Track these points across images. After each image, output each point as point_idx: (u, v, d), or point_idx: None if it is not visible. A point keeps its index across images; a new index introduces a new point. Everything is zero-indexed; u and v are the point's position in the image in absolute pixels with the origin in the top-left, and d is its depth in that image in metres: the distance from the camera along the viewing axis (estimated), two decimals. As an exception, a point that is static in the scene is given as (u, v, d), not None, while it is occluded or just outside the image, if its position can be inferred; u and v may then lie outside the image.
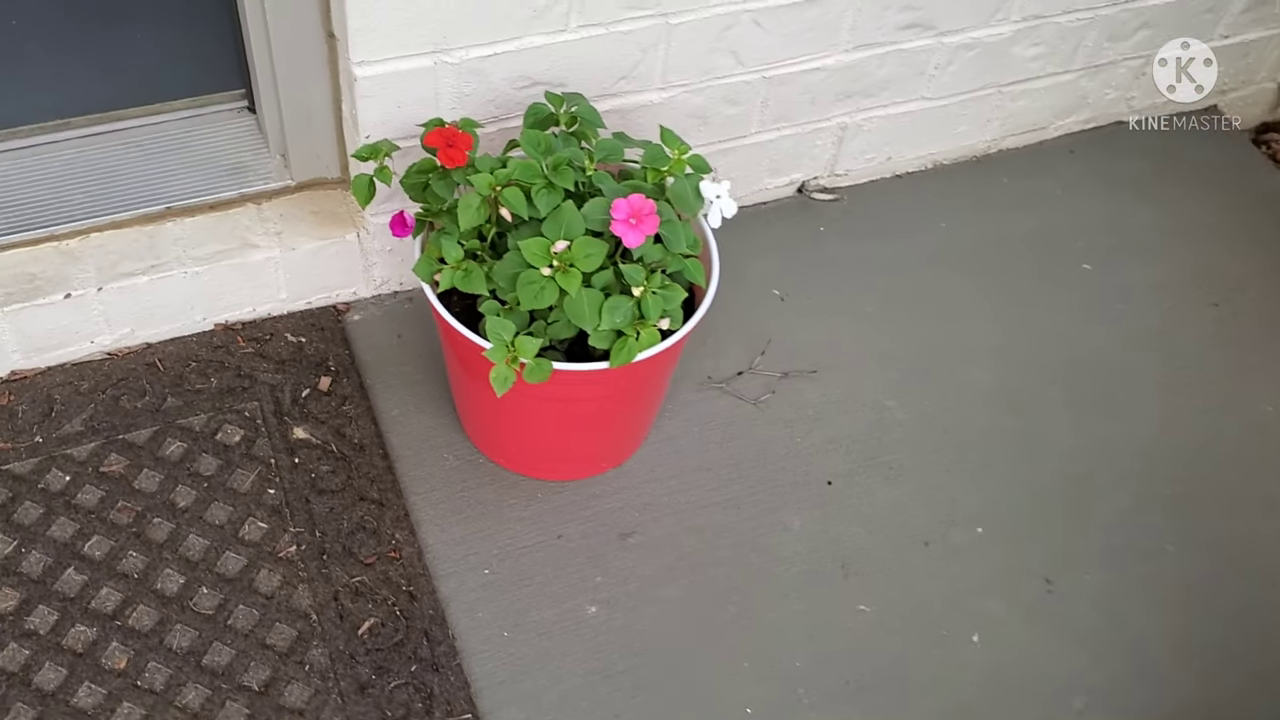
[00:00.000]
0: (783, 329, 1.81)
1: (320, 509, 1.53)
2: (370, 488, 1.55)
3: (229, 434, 1.59)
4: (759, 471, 1.64)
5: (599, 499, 1.58)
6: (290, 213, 1.69)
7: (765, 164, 1.91)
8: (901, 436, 1.70)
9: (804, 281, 1.88)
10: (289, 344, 1.69)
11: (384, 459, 1.59)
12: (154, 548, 1.47)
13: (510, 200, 1.34)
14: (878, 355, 1.80)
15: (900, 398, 1.75)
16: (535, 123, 1.46)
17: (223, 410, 1.61)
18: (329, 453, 1.58)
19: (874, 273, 1.91)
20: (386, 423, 1.63)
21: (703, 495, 1.60)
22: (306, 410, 1.62)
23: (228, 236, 1.65)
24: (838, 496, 1.62)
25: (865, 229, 1.97)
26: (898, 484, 1.65)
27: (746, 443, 1.67)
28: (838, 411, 1.72)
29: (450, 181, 1.39)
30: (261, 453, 1.57)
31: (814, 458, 1.66)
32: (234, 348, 1.68)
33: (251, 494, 1.53)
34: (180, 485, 1.53)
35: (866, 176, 2.04)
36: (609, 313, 1.33)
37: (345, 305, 1.76)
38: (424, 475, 1.58)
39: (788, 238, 1.94)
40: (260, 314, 1.71)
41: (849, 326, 1.83)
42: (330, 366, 1.68)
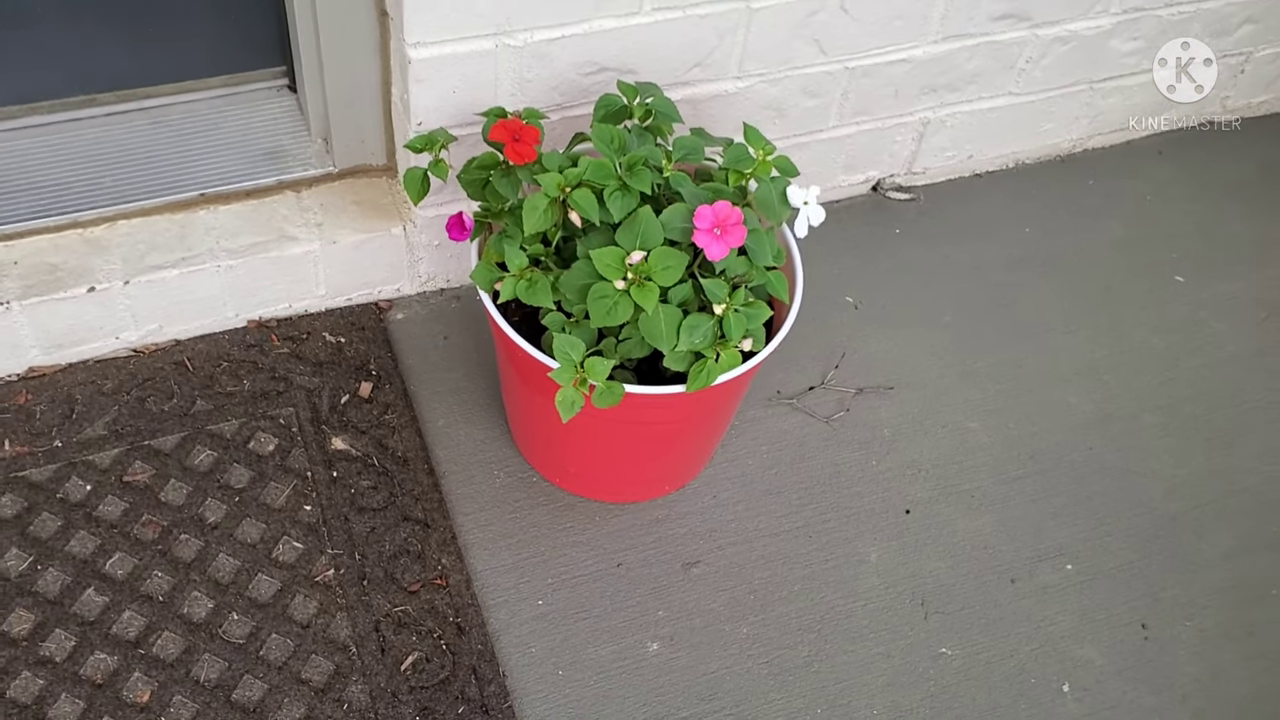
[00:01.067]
0: (857, 340, 1.68)
1: (360, 529, 1.41)
2: (415, 506, 1.43)
3: (262, 442, 1.47)
4: (832, 497, 1.51)
5: (661, 524, 1.46)
6: (331, 202, 1.57)
7: (841, 160, 1.78)
8: (984, 461, 1.58)
9: (879, 287, 1.75)
10: (327, 344, 1.57)
11: (429, 475, 1.47)
12: (181, 568, 1.36)
13: (581, 203, 1.21)
14: (958, 371, 1.67)
15: (983, 419, 1.62)
16: (606, 115, 1.33)
17: (256, 416, 1.49)
18: (370, 466, 1.46)
19: (952, 279, 1.78)
20: (432, 434, 1.51)
21: (772, 522, 1.48)
22: (346, 418, 1.50)
23: (264, 227, 1.53)
24: (917, 526, 1.50)
25: (943, 231, 1.84)
26: (981, 514, 1.52)
27: (818, 465, 1.54)
28: (916, 432, 1.59)
29: (514, 179, 1.26)
30: (297, 464, 1.45)
31: (891, 483, 1.54)
32: (268, 347, 1.56)
33: (286, 510, 1.42)
34: (209, 499, 1.42)
35: (945, 175, 1.90)
36: (688, 332, 1.20)
37: (388, 303, 1.63)
38: (473, 494, 1.46)
39: (861, 240, 1.81)
40: (297, 310, 1.59)
41: (927, 338, 1.70)
42: (371, 370, 1.55)
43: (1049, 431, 1.62)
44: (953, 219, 1.86)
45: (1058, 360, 1.70)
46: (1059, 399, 1.66)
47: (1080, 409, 1.65)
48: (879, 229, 1.83)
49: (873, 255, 1.79)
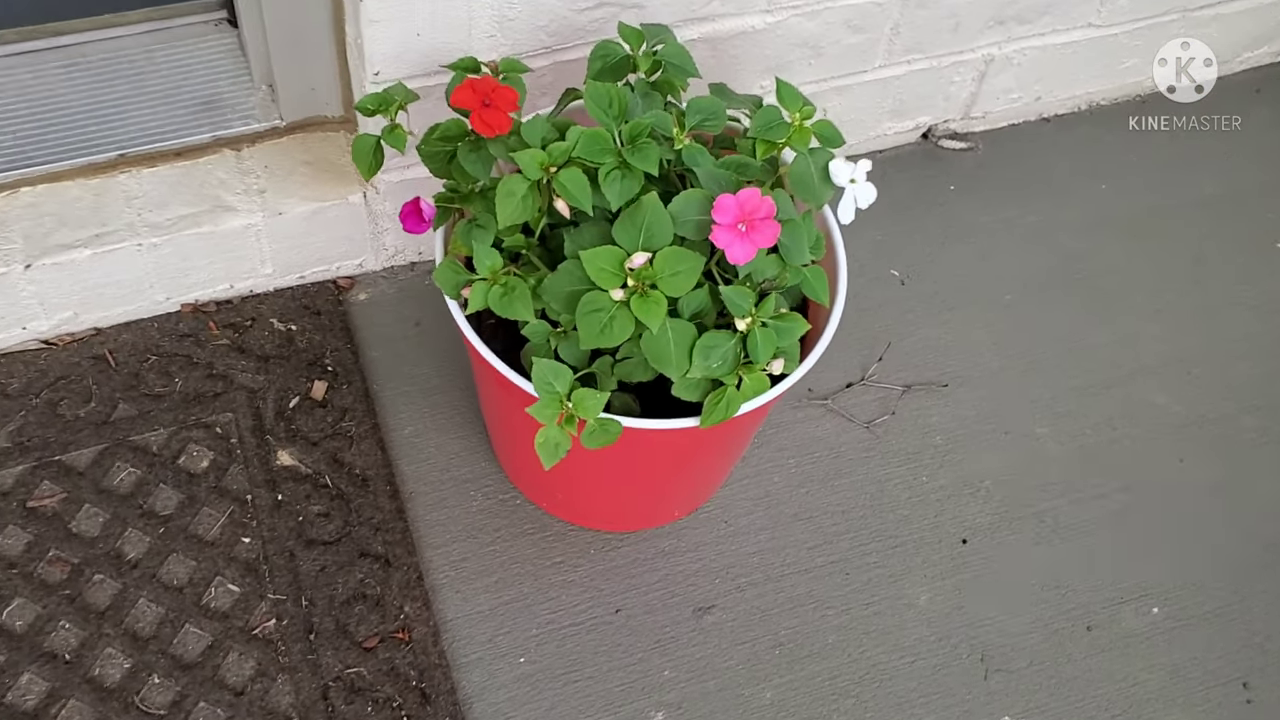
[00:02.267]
0: (903, 324, 1.43)
1: (308, 568, 1.18)
2: (374, 538, 1.20)
3: (195, 457, 1.23)
4: (874, 523, 1.27)
5: (668, 558, 1.23)
6: (278, 163, 1.30)
7: (887, 105, 1.50)
8: (1055, 477, 1.33)
9: (929, 258, 1.49)
10: (275, 333, 1.33)
11: (393, 498, 1.23)
12: (92, 618, 1.13)
13: (569, 188, 0.95)
14: (1023, 363, 1.41)
15: (1053, 423, 1.37)
16: (604, 69, 1.05)
17: (188, 424, 1.25)
18: (321, 488, 1.23)
19: (1016, 248, 1.51)
20: (397, 446, 1.27)
21: (801, 555, 1.24)
22: (294, 427, 1.26)
23: (196, 195, 1.27)
24: (976, 560, 1.26)
25: (1005, 188, 1.57)
26: (1052, 544, 1.28)
27: (857, 482, 1.30)
28: (974, 441, 1.34)
29: (485, 155, 1.00)
30: (235, 485, 1.22)
31: (945, 505, 1.29)
32: (205, 337, 1.31)
33: (221, 544, 1.18)
34: (130, 529, 1.18)
35: (1007, 119, 1.62)
36: (703, 355, 0.95)
37: (348, 281, 1.38)
38: (444, 521, 1.23)
39: (909, 199, 1.54)
40: (239, 292, 1.34)
41: (987, 321, 1.44)
42: (327, 366, 1.31)
43: (1131, 439, 1.36)
44: (1016, 173, 1.59)
45: (1140, 349, 1.44)
46: (1143, 397, 1.40)
47: (1168, 410, 1.39)
48: (930, 185, 1.56)
49: (922, 218, 1.53)
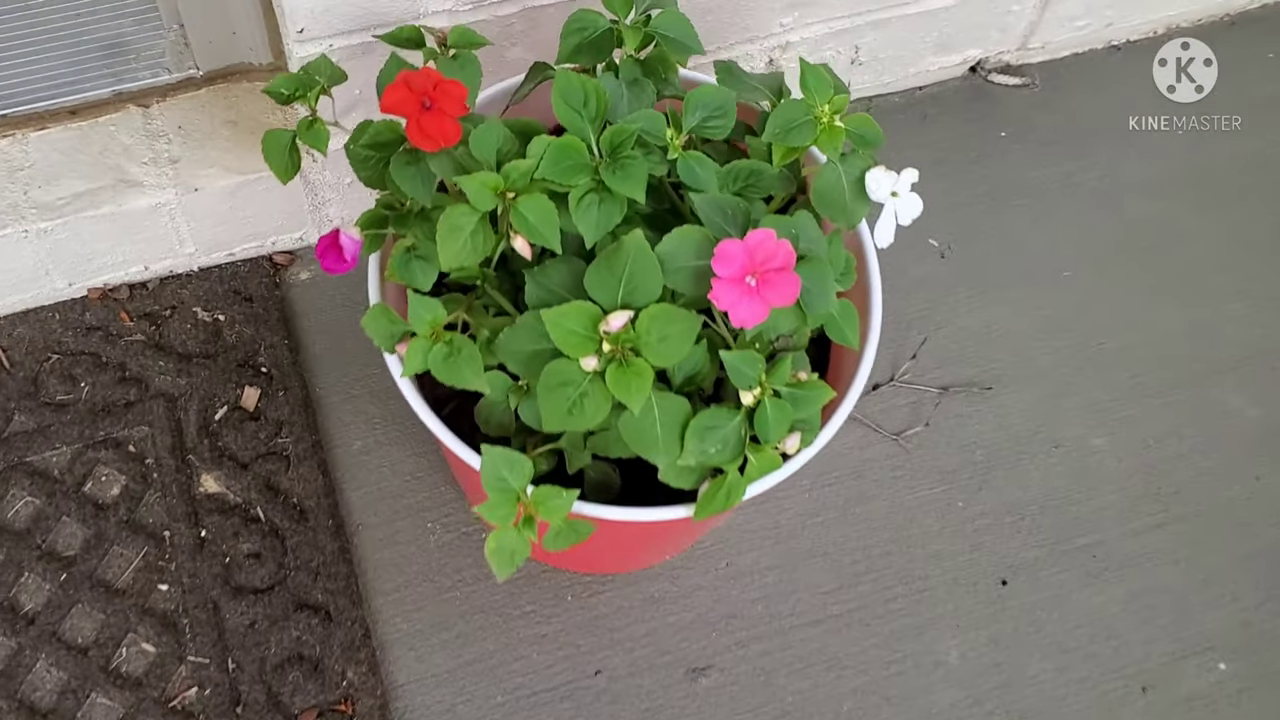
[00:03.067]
0: (943, 308, 1.22)
1: (235, 622, 1.01)
2: (313, 586, 1.03)
3: (104, 483, 1.05)
4: (900, 560, 1.09)
5: (658, 606, 1.05)
6: (194, 123, 1.08)
7: (931, 39, 1.25)
8: (1111, 501, 1.14)
9: (974, 224, 1.27)
10: (199, 325, 1.12)
11: (336, 534, 1.05)
12: (-18, 683, 0.97)
13: (530, 220, 0.74)
14: (1080, 357, 1.21)
15: (1112, 433, 1.17)
16: (580, 48, 0.82)
17: (96, 441, 1.06)
18: (252, 521, 1.04)
19: (1076, 210, 1.29)
20: (343, 467, 1.08)
21: (814, 601, 1.07)
22: (222, 444, 1.07)
23: (94, 166, 1.05)
24: (1016, 606, 1.08)
25: (1064, 135, 1.33)
26: (1106, 585, 1.10)
27: (883, 509, 1.11)
28: (1020, 456, 1.15)
29: (424, 171, 0.78)
30: (152, 518, 1.04)
31: (983, 537, 1.11)
32: (116, 329, 1.11)
33: (134, 592, 1.01)
34: (27, 574, 1.01)
35: (1069, 48, 1.37)
36: (698, 438, 0.76)
37: (286, 257, 1.17)
38: (396, 561, 1.05)
39: (952, 148, 1.31)
40: (157, 273, 1.13)
41: (1039, 303, 1.23)
42: (260, 366, 1.11)
43: (1201, 452, 1.17)
44: (1078, 114, 1.35)
45: (1216, 338, 1.23)
46: (1217, 400, 1.20)
47: (1245, 416, 1.19)
48: (977, 131, 1.32)
49: (966, 173, 1.30)
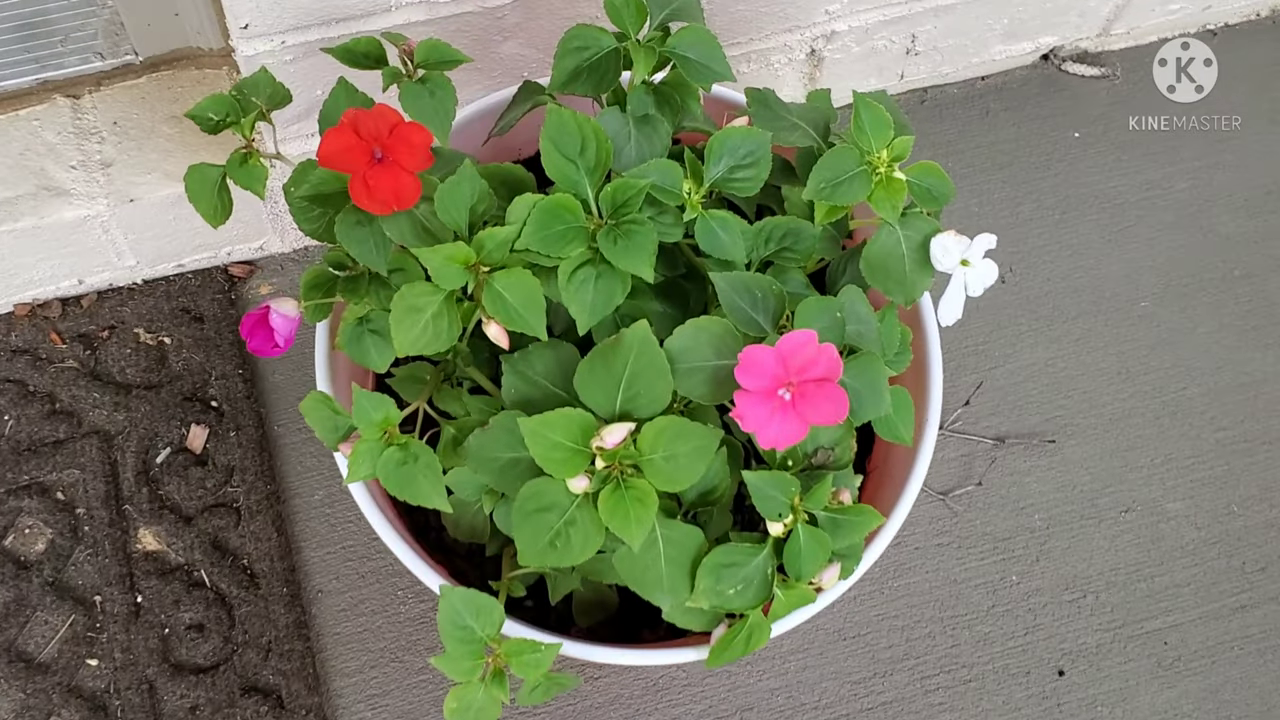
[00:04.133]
0: (1002, 341, 1.05)
1: (173, 706, 0.87)
2: (263, 665, 0.89)
3: (28, 537, 0.91)
4: (943, 644, 0.95)
5: (663, 696, 0.91)
6: (132, 117, 0.92)
7: (1000, 26, 1.08)
8: (1188, 577, 0.99)
9: (1041, 241, 1.10)
10: (140, 349, 0.97)
11: (292, 604, 0.91)
12: (-120, 775, 0.84)
13: (511, 301, 0.58)
14: (1157, 404, 1.05)
15: (1190, 496, 1.02)
16: (579, 70, 0.66)
17: (19, 486, 0.92)
18: (195, 586, 0.90)
19: (1158, 227, 1.12)
20: (302, 521, 0.94)
21: (842, 692, 0.92)
22: (163, 492, 0.93)
23: (13, 169, 0.89)
24: (1074, 700, 0.94)
25: (1146, 137, 1.15)
26: (1179, 678, 0.95)
27: (925, 582, 0.96)
28: (1084, 521, 1.00)
29: (376, 232, 0.62)
30: (81, 580, 0.90)
31: (1039, 619, 0.96)
32: (46, 352, 0.97)
33: (60, 667, 0.88)
34: (-66, 643, 0.88)
35: (1157, 33, 1.19)
36: (713, 577, 0.61)
37: (244, 268, 1.01)
38: (360, 635, 0.91)
39: (1018, 148, 1.14)
40: (91, 286, 0.98)
41: (1113, 338, 1.07)
42: (210, 399, 0.96)
43: (1296, 521, 1.02)
44: (1166, 111, 1.17)
45: (1317, 382, 1.07)
46: (1315, 458, 1.04)
47: (1348, 479, 1.04)
48: (1047, 130, 1.15)
49: (1034, 180, 1.12)
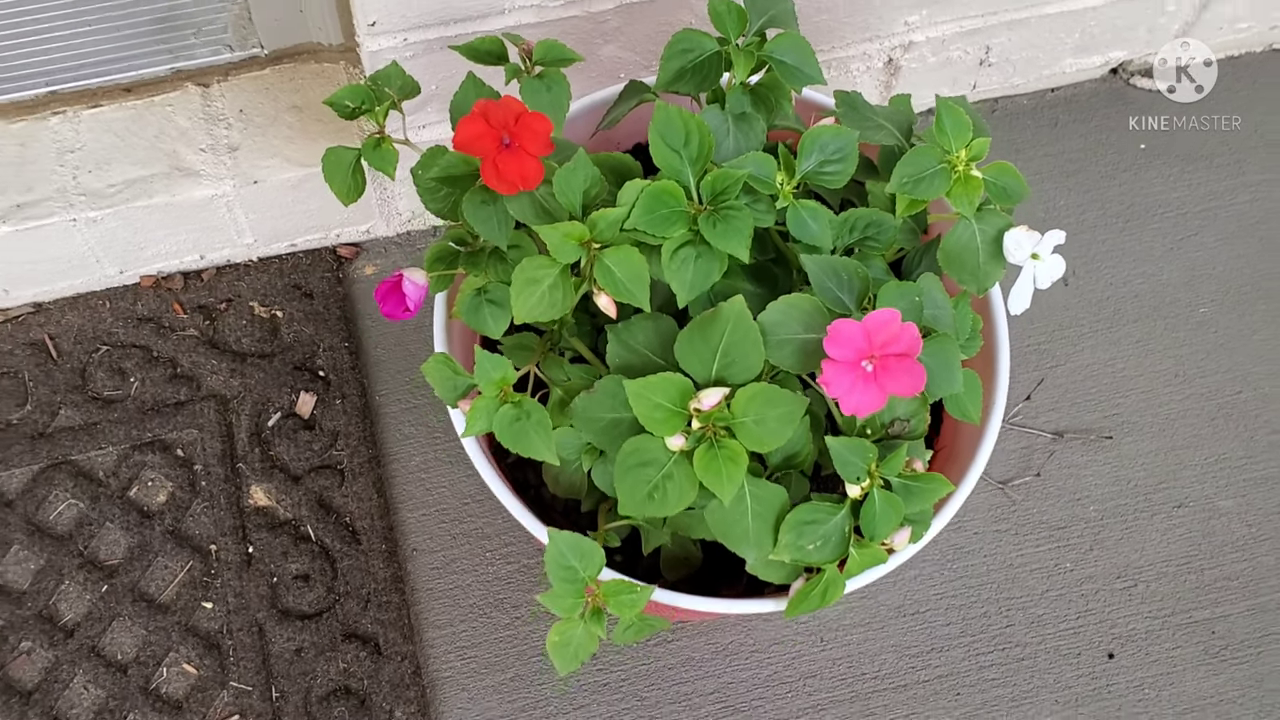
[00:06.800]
0: (1063, 341, 1.10)
1: (281, 648, 0.95)
2: (363, 615, 0.96)
3: (150, 489, 0.99)
4: (998, 623, 1.00)
5: (730, 660, 0.97)
6: (256, 106, 1.00)
7: (1072, 40, 1.13)
8: (1237, 570, 1.03)
9: (1104, 247, 1.15)
10: (255, 322, 1.05)
11: (390, 559, 0.98)
12: (15, 700, 0.92)
13: (617, 276, 0.65)
14: (1214, 405, 1.09)
15: (1242, 494, 1.06)
16: (683, 73, 0.72)
17: (143, 443, 1.00)
18: (302, 540, 0.98)
19: (1219, 237, 1.16)
20: (401, 485, 1.01)
21: (901, 663, 0.98)
22: (274, 453, 1.01)
23: (149, 151, 0.97)
24: (1123, 682, 0.99)
25: (1215, 150, 1.20)
26: (1225, 666, 1.00)
27: (983, 565, 1.02)
28: (1138, 514, 1.04)
29: (500, 211, 0.69)
30: (198, 530, 0.98)
31: (1090, 603, 1.01)
32: (169, 321, 1.05)
33: (178, 609, 0.95)
34: (68, 582, 0.96)
35: (1225, 51, 1.23)
36: (795, 533, 0.67)
37: (351, 250, 1.09)
38: (452, 592, 0.98)
39: (1085, 158, 1.18)
40: (212, 262, 1.06)
41: (1172, 342, 1.11)
42: (318, 369, 1.04)
43: (1345, 522, 1.06)
44: (1229, 126, 1.21)
45: (1370, 390, 1.11)
46: (1366, 462, 1.08)
47: (1398, 483, 1.07)
48: (1113, 141, 1.19)
49: (1099, 188, 1.17)
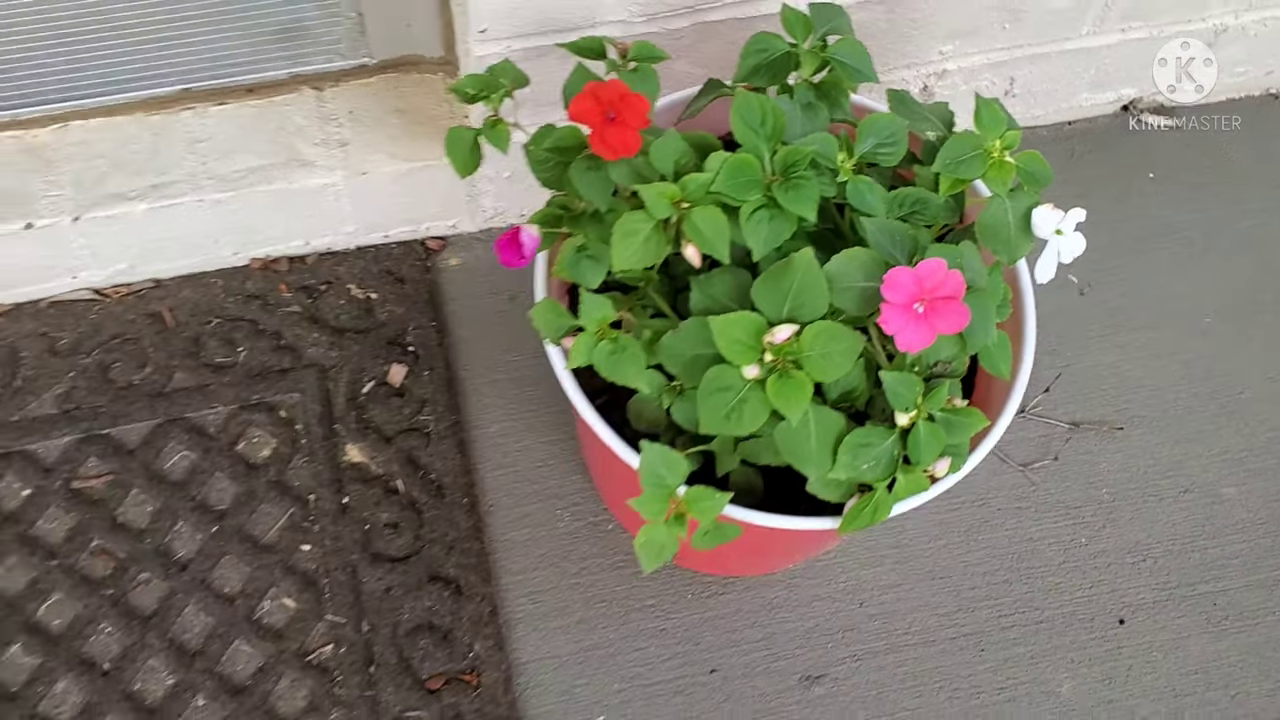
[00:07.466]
0: (1078, 343, 1.22)
1: (372, 587, 1.05)
2: (446, 560, 1.07)
3: (256, 444, 1.10)
4: (1019, 589, 1.10)
5: (776, 613, 1.08)
6: (364, 109, 1.13)
7: (1088, 76, 1.26)
8: (1238, 550, 1.13)
9: (1116, 262, 1.27)
10: (352, 301, 1.17)
11: (470, 512, 1.09)
12: (136, 623, 1.02)
13: (703, 231, 0.76)
14: (1216, 404, 1.20)
15: (1243, 483, 1.16)
16: (758, 68, 0.85)
17: (251, 404, 1.12)
18: (392, 493, 1.09)
19: (1222, 257, 1.28)
20: (480, 449, 1.12)
21: (931, 622, 1.08)
22: (367, 417, 1.12)
23: (270, 143, 1.10)
24: (1132, 645, 1.09)
25: (1215, 180, 1.32)
26: (1225, 634, 1.10)
27: (1005, 539, 1.12)
28: (1146, 497, 1.15)
29: (603, 177, 0.81)
30: (299, 481, 1.09)
31: (1103, 575, 1.11)
32: (275, 300, 1.17)
33: (279, 550, 1.06)
34: (181, 522, 1.07)
35: (1225, 93, 1.36)
36: (851, 454, 0.78)
37: (438, 243, 1.21)
38: (526, 543, 1.08)
39: (1099, 184, 1.31)
40: (316, 248, 1.18)
41: (1177, 348, 1.23)
42: (408, 345, 1.15)
43: (1335, 510, 1.16)
44: (1231, 161, 1.34)
45: (1358, 395, 1.22)
46: (1354, 458, 1.19)
47: (1384, 478, 1.18)
48: (1125, 170, 1.32)
49: (1111, 211, 1.29)
